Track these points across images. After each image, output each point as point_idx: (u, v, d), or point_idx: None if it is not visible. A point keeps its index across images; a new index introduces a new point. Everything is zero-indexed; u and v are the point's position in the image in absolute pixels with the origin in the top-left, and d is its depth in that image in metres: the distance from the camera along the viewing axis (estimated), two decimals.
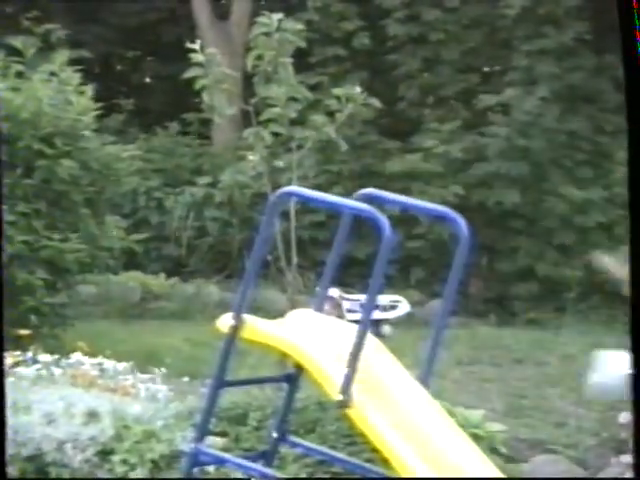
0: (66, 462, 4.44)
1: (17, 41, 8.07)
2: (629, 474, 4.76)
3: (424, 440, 3.51)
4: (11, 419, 4.45)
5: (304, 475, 4.42)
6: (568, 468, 5.10)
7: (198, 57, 7.46)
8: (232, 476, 4.44)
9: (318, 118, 7.98)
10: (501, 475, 3.60)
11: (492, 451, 4.63)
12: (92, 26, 16.25)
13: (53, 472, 4.42)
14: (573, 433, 5.48)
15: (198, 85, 7.54)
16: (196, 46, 7.55)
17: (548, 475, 5.00)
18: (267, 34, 7.57)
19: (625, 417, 4.88)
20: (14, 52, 7.95)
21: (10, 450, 4.40)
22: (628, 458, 4.76)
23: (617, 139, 12.60)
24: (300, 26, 7.69)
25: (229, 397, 4.71)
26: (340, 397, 3.39)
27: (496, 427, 5.07)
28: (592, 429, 5.44)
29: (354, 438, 4.39)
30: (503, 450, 4.96)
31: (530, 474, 4.96)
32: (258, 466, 3.88)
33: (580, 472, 5.05)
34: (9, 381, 4.75)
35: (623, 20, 3.10)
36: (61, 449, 4.45)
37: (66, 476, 4.44)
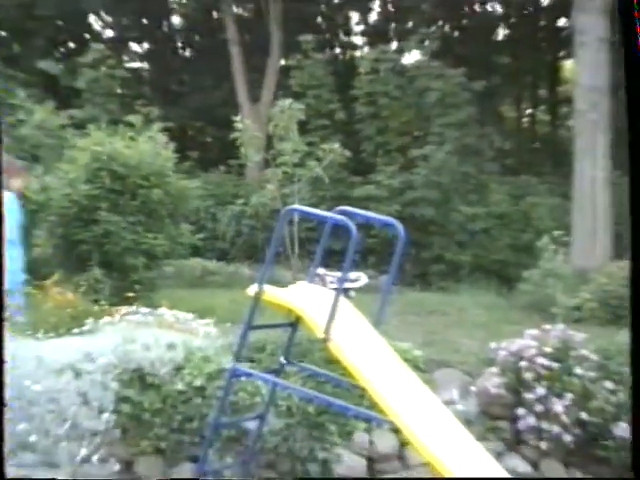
0: (155, 373, 4.40)
1: (131, 117, 8.45)
2: (495, 378, 4.63)
3: (376, 361, 3.52)
4: (121, 347, 4.41)
5: (300, 382, 4.38)
6: (460, 376, 5.04)
7: (239, 125, 7.45)
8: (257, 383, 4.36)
9: (311, 163, 7.97)
10: (425, 388, 3.57)
11: (415, 368, 4.61)
12: (174, 108, 16.26)
13: (148, 379, 4.36)
14: (464, 355, 5.44)
15: (238, 143, 7.52)
16: (238, 119, 7.55)
17: (448, 381, 4.92)
18: (282, 111, 7.55)
19: (494, 345, 4.76)
20: (128, 124, 8.15)
21: (122, 366, 4.36)
22: (493, 369, 4.67)
23: (491, 178, 12.84)
24: (302, 106, 7.69)
25: (254, 335, 4.67)
26: (323, 336, 3.39)
27: (418, 353, 5.05)
28: (474, 353, 5.38)
29: (332, 362, 4.37)
30: (422, 367, 4.95)
31: (438, 381, 4.90)
32: (271, 377, 3.88)
33: (467, 379, 4.97)
34: (121, 325, 4.70)
35: (623, 20, 2.19)
36: (153, 366, 4.42)
37: (156, 382, 4.36)
